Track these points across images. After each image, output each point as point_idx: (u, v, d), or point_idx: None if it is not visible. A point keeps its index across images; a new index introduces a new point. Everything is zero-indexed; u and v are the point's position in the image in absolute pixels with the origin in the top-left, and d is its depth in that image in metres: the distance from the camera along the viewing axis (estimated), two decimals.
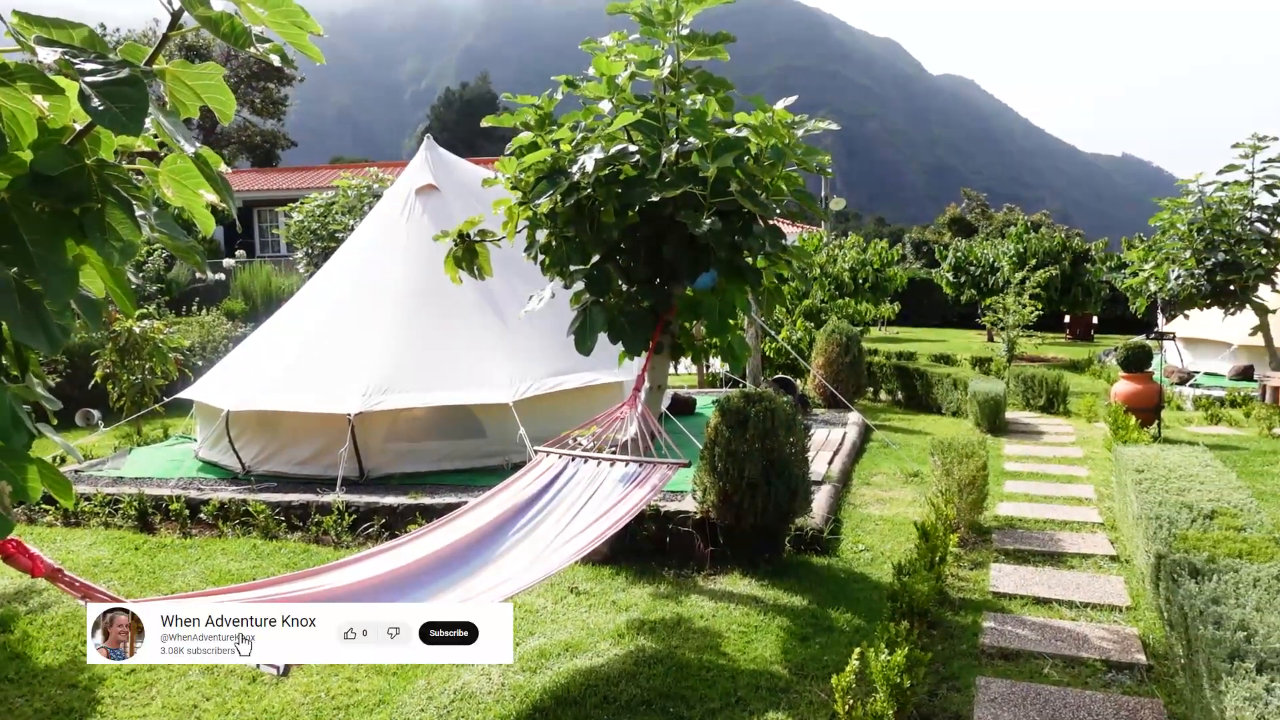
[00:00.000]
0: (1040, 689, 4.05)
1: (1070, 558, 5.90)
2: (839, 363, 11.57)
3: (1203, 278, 11.24)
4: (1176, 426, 10.45)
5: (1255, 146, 11.24)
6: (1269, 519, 6.39)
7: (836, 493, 7.36)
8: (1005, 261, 22.43)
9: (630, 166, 4.88)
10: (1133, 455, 6.14)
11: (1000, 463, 8.75)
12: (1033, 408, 12.23)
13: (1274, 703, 2.65)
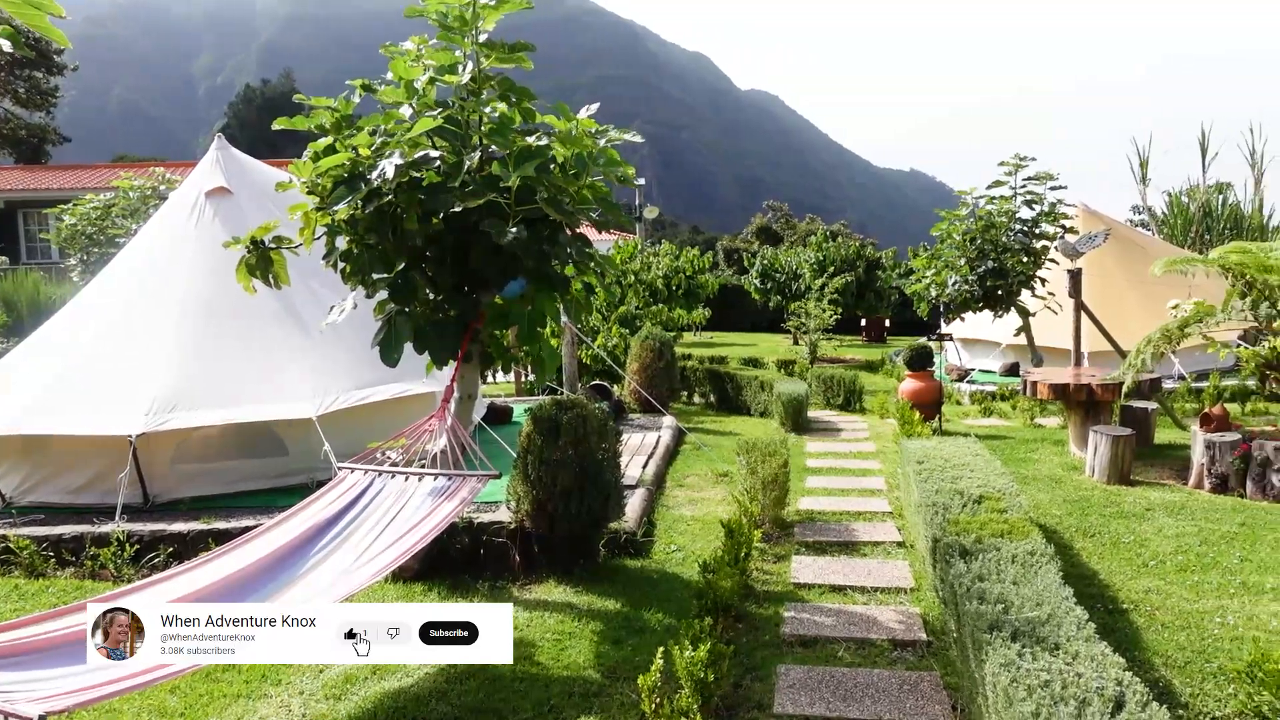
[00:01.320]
0: (834, 671, 4.31)
1: (863, 546, 6.31)
2: (653, 368, 11.84)
3: (975, 283, 12.35)
4: (955, 419, 11.41)
5: (1017, 165, 12.48)
6: (1028, 501, 7.09)
7: (650, 496, 7.52)
8: (807, 269, 23.74)
9: (433, 173, 4.79)
10: (915, 448, 6.66)
11: (803, 459, 9.24)
12: (833, 406, 13.01)
13: (1024, 666, 2.94)
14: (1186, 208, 21.69)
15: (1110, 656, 3.04)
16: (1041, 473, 8.29)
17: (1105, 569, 5.69)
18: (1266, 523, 6.47)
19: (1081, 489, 7.63)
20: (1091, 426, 8.17)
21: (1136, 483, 7.80)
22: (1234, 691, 3.88)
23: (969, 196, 12.92)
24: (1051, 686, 2.79)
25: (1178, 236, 20.56)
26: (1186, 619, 4.84)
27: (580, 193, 4.99)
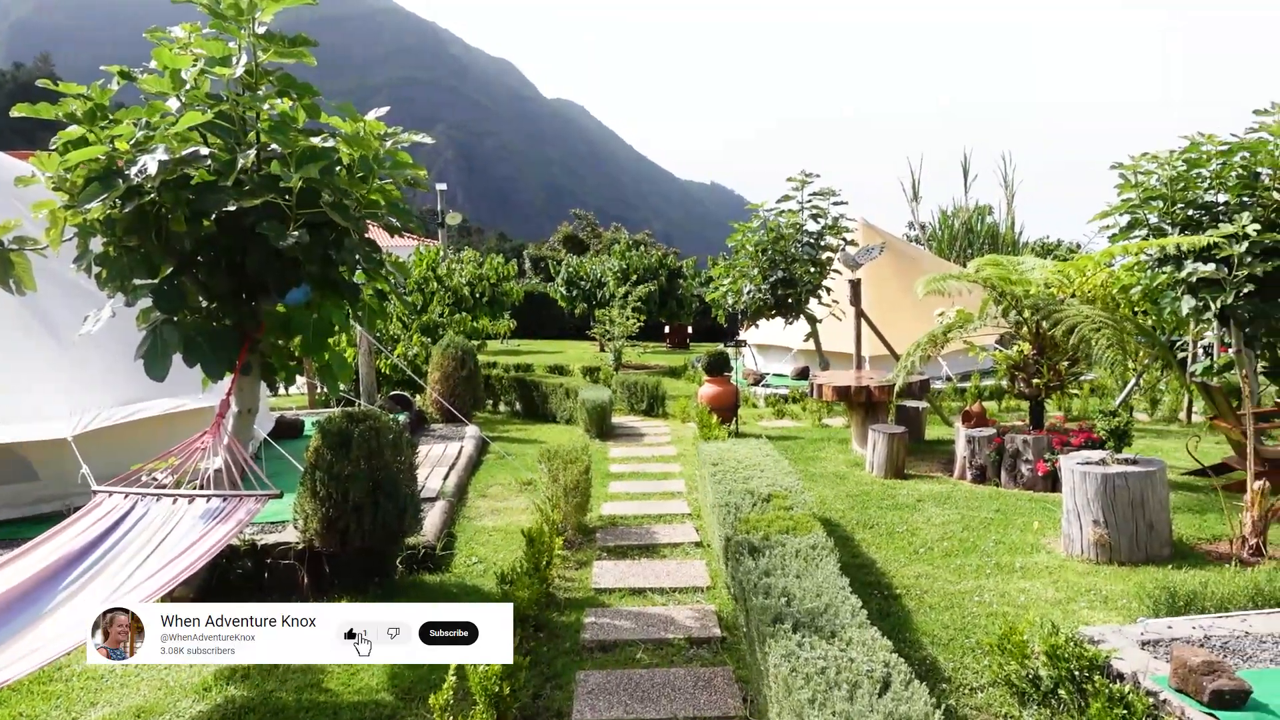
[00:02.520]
0: (632, 674, 4.37)
1: (663, 548, 6.45)
2: (456, 377, 11.59)
3: (767, 292, 12.99)
4: (751, 422, 11.94)
5: (804, 181, 13.24)
6: (814, 497, 7.50)
7: (451, 507, 7.34)
8: (611, 277, 24.11)
9: (205, 171, 4.44)
10: (711, 450, 6.89)
11: (606, 465, 9.34)
12: (637, 412, 13.25)
13: (803, 655, 3.09)
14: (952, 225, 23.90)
15: (880, 640, 3.25)
16: (828, 470, 8.82)
17: (882, 557, 6.12)
18: (1017, 508, 7.20)
19: (862, 484, 8.17)
20: (871, 425, 8.78)
21: (910, 476, 8.45)
22: (989, 663, 4.26)
23: (761, 210, 13.56)
24: (827, 673, 2.95)
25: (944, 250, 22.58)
26: (950, 600, 5.28)
27: (369, 196, 4.80)
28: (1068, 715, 3.63)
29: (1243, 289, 7.97)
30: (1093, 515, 5.84)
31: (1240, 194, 8.26)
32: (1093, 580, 5.48)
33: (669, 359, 21.98)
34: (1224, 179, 8.45)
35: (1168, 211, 8.73)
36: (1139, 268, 9.09)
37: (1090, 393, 12.62)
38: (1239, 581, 4.57)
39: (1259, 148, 8.29)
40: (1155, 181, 8.84)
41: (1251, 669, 3.70)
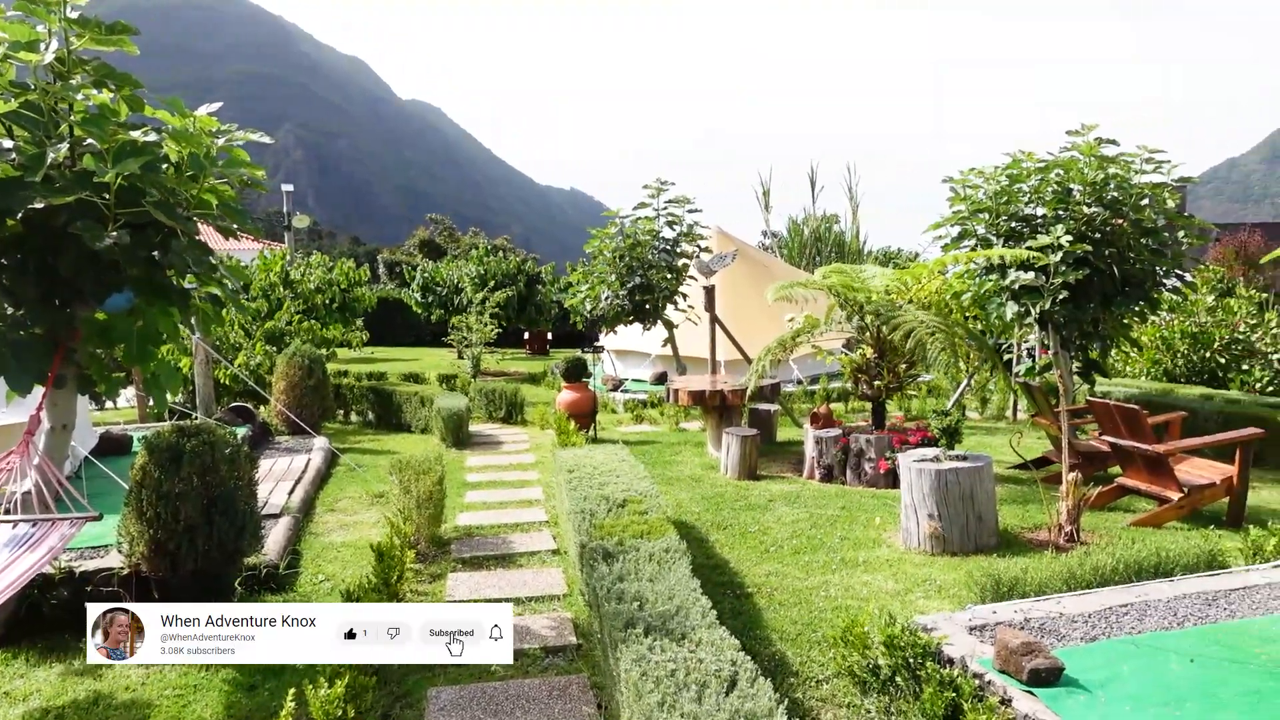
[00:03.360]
0: (486, 687, 4.29)
1: (520, 557, 6.38)
2: (303, 387, 11.09)
3: (625, 298, 13.09)
4: (610, 427, 12.00)
5: (659, 189, 13.42)
6: (670, 500, 7.60)
7: (296, 524, 7.01)
8: (468, 283, 23.73)
9: (10, 166, 4.07)
10: (567, 457, 6.87)
11: (463, 474, 9.17)
12: (495, 420, 13.08)
13: (654, 658, 3.12)
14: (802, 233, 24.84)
15: (728, 640, 3.31)
16: (684, 473, 8.96)
17: (735, 557, 6.26)
18: (861, 505, 7.53)
19: (717, 486, 8.35)
20: (725, 429, 8.98)
21: (763, 477, 8.70)
22: (833, 656, 4.42)
23: (618, 216, 13.66)
24: (677, 675, 2.98)
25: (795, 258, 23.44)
26: (799, 596, 5.46)
27: (200, 196, 4.52)
28: (904, 701, 3.81)
29: (1058, 295, 8.64)
30: (928, 509, 6.18)
31: (1056, 208, 8.96)
32: (928, 571, 5.80)
33: (529, 365, 21.82)
34: (1041, 194, 9.14)
35: (993, 223, 9.36)
36: (969, 275, 9.71)
37: (927, 393, 13.37)
38: (1055, 566, 4.93)
39: (1071, 165, 9.02)
40: (982, 195, 9.47)
41: (1065, 647, 3.99)
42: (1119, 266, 8.80)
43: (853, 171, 25.17)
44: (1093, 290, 8.77)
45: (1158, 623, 4.25)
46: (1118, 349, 11.23)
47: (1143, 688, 3.58)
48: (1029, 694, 3.52)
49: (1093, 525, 6.66)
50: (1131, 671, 3.73)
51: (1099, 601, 4.48)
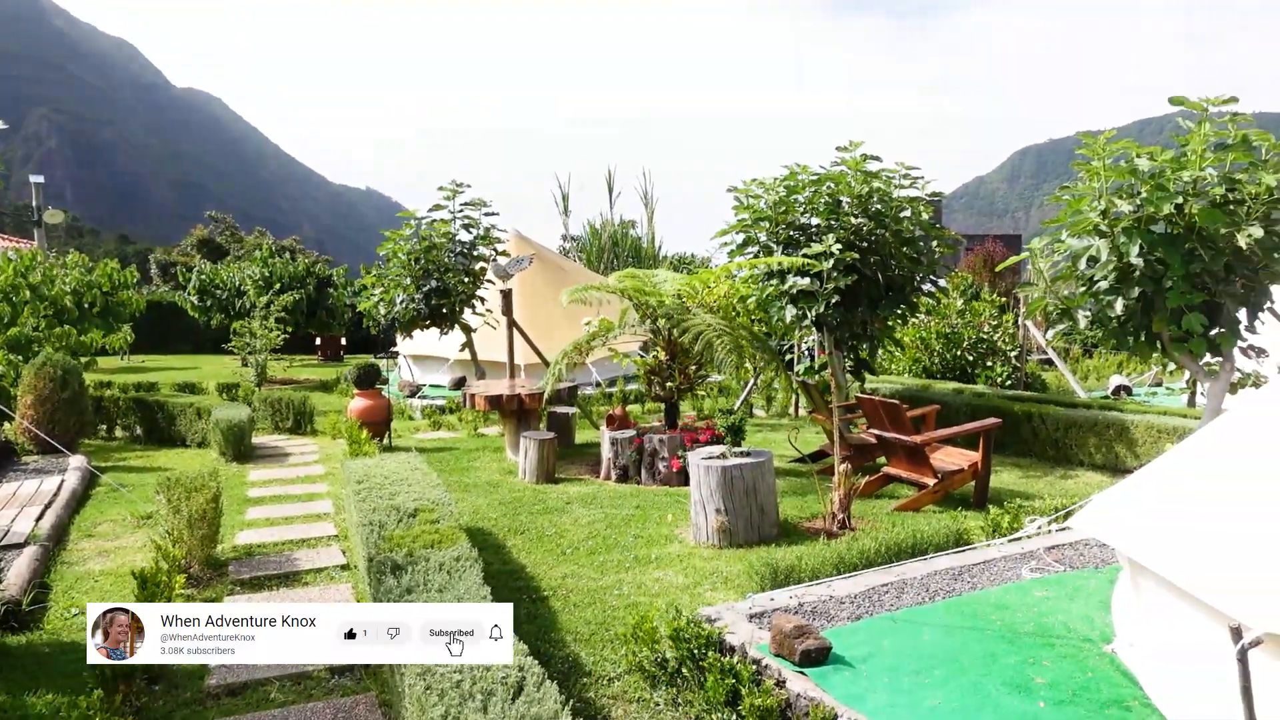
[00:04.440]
0: (264, 716, 4.06)
1: (306, 574, 6.08)
2: (55, 400, 10.01)
3: (421, 301, 12.79)
4: (407, 435, 11.67)
5: (455, 190, 13.22)
6: (468, 507, 7.51)
7: (45, 553, 6.33)
8: (251, 285, 22.31)
9: None
10: (356, 467, 6.62)
11: (245, 490, 8.62)
12: (282, 430, 12.37)
13: (440, 670, 3.07)
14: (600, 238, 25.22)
15: (517, 645, 3.32)
16: (482, 479, 8.87)
17: (532, 561, 6.27)
18: (654, 503, 7.75)
19: (515, 490, 8.33)
20: (523, 433, 8.98)
21: (560, 479, 8.77)
22: (625, 653, 4.54)
23: (413, 218, 13.33)
24: (462, 686, 2.96)
25: (594, 262, 23.76)
26: (593, 596, 5.55)
27: None
28: (690, 691, 3.98)
29: (831, 300, 9.29)
30: (715, 505, 6.46)
31: (828, 218, 9.62)
32: (716, 564, 6.07)
33: (321, 372, 20.79)
34: (815, 205, 9.80)
35: (773, 231, 9.93)
36: (753, 280, 10.25)
37: (719, 393, 13.97)
38: (826, 553, 5.31)
39: (840, 179, 9.73)
40: (763, 204, 10.03)
41: (834, 627, 4.31)
42: (883, 273, 9.59)
43: (647, 177, 25.87)
44: (861, 295, 9.50)
45: (913, 598, 4.68)
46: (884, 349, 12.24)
47: (899, 659, 3.93)
48: (801, 674, 3.77)
49: (863, 512, 7.21)
50: (890, 645, 4.08)
51: (864, 583, 4.87)
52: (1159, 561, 3.32)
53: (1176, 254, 6.38)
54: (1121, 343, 7.09)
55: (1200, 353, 6.72)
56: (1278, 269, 6.64)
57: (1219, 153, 6.43)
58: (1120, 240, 6.51)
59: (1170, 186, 6.42)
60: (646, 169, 25.29)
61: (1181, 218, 6.43)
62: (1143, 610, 3.74)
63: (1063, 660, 3.89)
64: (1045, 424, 9.78)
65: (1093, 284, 6.90)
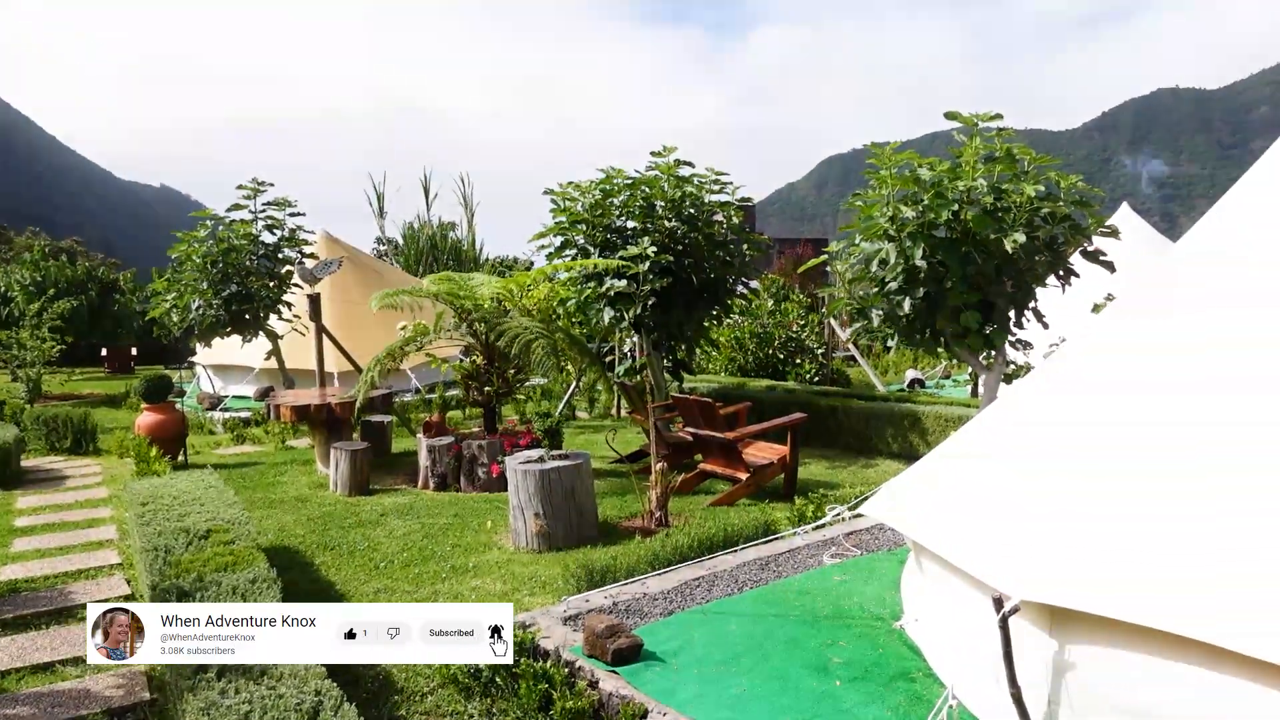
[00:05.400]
0: None
1: (82, 609, 5.52)
2: None
3: (220, 308, 11.96)
4: (207, 450, 10.90)
5: (256, 189, 12.46)
6: (270, 526, 7.11)
7: None
8: (20, 291, 20.13)
9: None
10: (142, 489, 6.11)
11: (10, 520, 7.75)
12: (60, 451, 11.24)
13: (226, 703, 2.87)
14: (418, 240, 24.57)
15: (314, 669, 3.16)
16: (290, 494, 8.41)
17: (343, 578, 6.00)
18: (474, 510, 7.62)
19: (326, 505, 7.95)
20: (334, 444, 8.58)
21: (375, 491, 8.45)
22: (439, 666, 4.40)
23: (208, 219, 12.45)
24: (251, 717, 2.77)
25: (411, 265, 23.11)
26: None
27: None
28: (504, 700, 3.92)
29: (648, 301, 9.47)
30: (534, 509, 6.42)
31: (644, 221, 9.81)
32: (535, 569, 6.02)
33: (108, 386, 19.03)
34: (631, 208, 9.96)
35: (591, 234, 10.02)
36: (572, 283, 10.29)
37: (542, 396, 13.93)
38: (641, 550, 5.39)
39: (654, 183, 9.94)
40: (580, 208, 10.09)
41: (647, 624, 4.37)
42: (697, 275, 9.89)
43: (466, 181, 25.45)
44: (677, 296, 9.75)
45: (723, 590, 4.83)
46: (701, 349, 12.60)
47: (708, 650, 4.04)
48: (613, 673, 3.80)
49: (680, 509, 7.38)
50: (700, 637, 4.19)
51: (677, 578, 4.98)
52: (935, 541, 3.58)
53: (955, 257, 6.93)
54: (910, 339, 7.63)
55: (977, 347, 7.33)
56: (1039, 271, 7.37)
57: (988, 164, 7.05)
58: (906, 244, 7.01)
59: (948, 195, 6.98)
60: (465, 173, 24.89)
61: (958, 224, 7.00)
62: (925, 587, 4.03)
63: (858, 640, 4.13)
64: (849, 417, 10.39)
65: (884, 285, 7.38)
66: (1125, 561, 2.89)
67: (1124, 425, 3.26)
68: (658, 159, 9.91)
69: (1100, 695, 2.91)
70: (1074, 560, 2.98)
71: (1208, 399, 3.11)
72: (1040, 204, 6.95)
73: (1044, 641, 3.04)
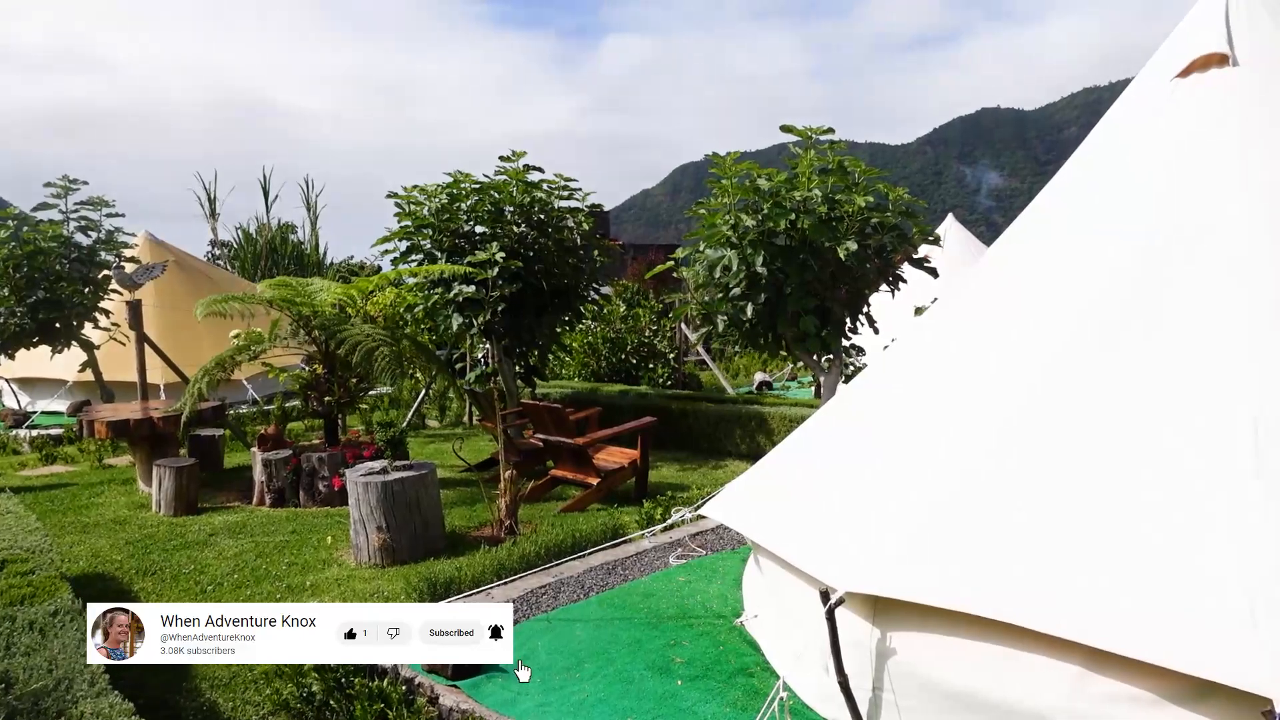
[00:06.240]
0: None
1: None
2: None
3: (25, 315, 10.95)
4: (11, 472, 9.96)
5: (67, 188, 11.50)
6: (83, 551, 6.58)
7: None
8: None
9: None
10: None
11: None
12: None
13: None
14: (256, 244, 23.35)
15: (120, 705, 2.93)
16: (106, 517, 7.78)
17: None
18: (313, 526, 7.28)
19: (147, 526, 7.41)
20: (157, 461, 8.01)
21: (204, 510, 7.94)
22: (270, 692, 4.18)
23: (10, 219, 11.38)
24: None
25: (249, 269, 21.94)
26: None
27: None
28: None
29: (498, 308, 9.35)
30: (377, 522, 6.20)
31: (493, 226, 9.67)
32: (378, 584, 5.81)
33: None
34: (479, 213, 9.81)
35: (438, 239, 9.79)
36: (420, 289, 10.03)
37: (390, 405, 13.50)
38: (487, 560, 5.30)
39: (503, 188, 9.83)
40: (426, 212, 9.85)
41: None
42: (548, 281, 9.83)
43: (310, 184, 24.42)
44: (527, 302, 9.67)
45: (569, 597, 4.81)
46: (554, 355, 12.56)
47: (551, 658, 4.01)
48: (453, 688, 3.71)
49: (530, 516, 7.31)
50: (544, 645, 4.15)
51: (523, 586, 4.92)
52: (767, 538, 3.69)
53: (793, 264, 7.20)
54: (754, 343, 7.86)
55: (815, 350, 7.64)
56: (871, 277, 7.75)
57: (822, 176, 7.36)
58: (748, 251, 7.22)
59: (786, 204, 7.24)
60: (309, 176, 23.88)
61: (796, 232, 7.27)
62: (764, 584, 4.15)
63: (700, 638, 4.20)
64: (699, 420, 10.59)
65: (728, 291, 7.58)
66: (937, 550, 3.07)
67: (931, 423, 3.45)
68: (507, 164, 9.79)
69: (919, 678, 3.08)
70: (892, 552, 3.13)
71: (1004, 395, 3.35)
72: (871, 214, 7.31)
73: (867, 630, 3.18)
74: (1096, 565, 2.76)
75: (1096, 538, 2.83)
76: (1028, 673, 2.81)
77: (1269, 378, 2.87)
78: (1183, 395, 2.98)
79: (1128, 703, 2.66)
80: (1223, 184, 3.39)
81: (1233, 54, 3.65)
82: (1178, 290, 3.21)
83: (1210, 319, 3.09)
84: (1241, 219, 3.26)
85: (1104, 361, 3.20)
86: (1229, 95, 3.59)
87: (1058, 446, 3.11)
